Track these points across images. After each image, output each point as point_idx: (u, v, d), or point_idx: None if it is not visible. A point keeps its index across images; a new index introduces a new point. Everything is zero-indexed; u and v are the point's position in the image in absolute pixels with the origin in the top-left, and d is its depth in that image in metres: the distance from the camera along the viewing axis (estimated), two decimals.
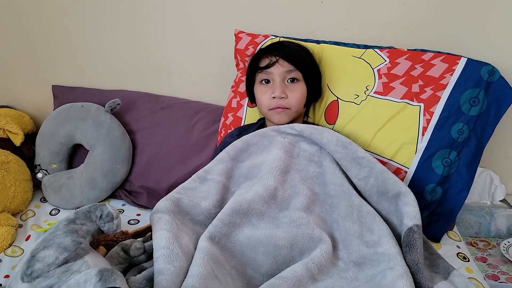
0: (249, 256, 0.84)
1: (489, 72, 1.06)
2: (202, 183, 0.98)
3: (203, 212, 0.92)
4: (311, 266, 0.79)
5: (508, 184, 1.34)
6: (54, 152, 1.35)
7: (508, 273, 1.13)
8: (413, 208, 0.87)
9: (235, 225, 0.87)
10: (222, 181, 0.97)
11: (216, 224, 0.86)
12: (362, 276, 0.81)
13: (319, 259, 0.81)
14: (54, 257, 0.72)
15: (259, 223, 0.88)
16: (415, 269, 0.79)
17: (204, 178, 0.99)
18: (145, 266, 0.84)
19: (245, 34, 1.29)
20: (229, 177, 0.99)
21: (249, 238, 0.85)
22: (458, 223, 1.29)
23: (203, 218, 0.91)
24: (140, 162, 1.32)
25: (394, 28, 1.28)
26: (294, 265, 0.80)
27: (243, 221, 0.87)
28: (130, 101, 1.40)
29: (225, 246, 0.85)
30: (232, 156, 1.01)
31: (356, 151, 0.96)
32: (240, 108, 1.27)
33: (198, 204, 0.92)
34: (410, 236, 0.82)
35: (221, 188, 0.96)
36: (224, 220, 0.86)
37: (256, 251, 0.84)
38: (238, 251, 0.84)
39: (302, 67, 1.10)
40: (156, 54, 1.46)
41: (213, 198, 0.94)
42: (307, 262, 0.80)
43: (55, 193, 1.31)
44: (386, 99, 1.11)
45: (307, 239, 0.85)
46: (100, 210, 0.82)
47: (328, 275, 0.81)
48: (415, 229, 0.83)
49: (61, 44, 1.50)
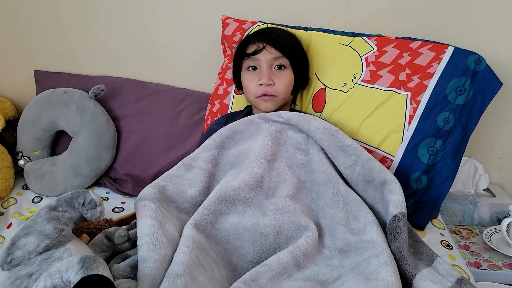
0: (235, 243, 0.84)
1: (476, 61, 1.06)
2: (188, 170, 0.97)
3: (189, 200, 0.91)
4: (297, 254, 0.79)
5: (491, 173, 1.36)
6: (37, 138, 1.32)
7: (490, 261, 1.15)
8: (399, 196, 0.87)
9: (221, 212, 0.86)
10: (208, 169, 0.96)
11: (201, 212, 0.85)
12: (347, 263, 0.81)
13: (305, 246, 0.81)
14: (35, 244, 0.70)
15: (245, 211, 0.87)
16: (399, 256, 0.79)
17: (189, 165, 0.98)
18: (129, 254, 0.83)
19: (232, 20, 1.27)
20: (215, 164, 0.98)
21: (235, 226, 0.84)
22: (443, 211, 1.30)
23: (189, 205, 0.90)
24: (125, 149, 1.30)
25: (382, 16, 1.28)
26: (280, 253, 0.79)
27: (229, 209, 0.87)
28: (115, 87, 1.37)
29: (211, 234, 0.84)
30: (218, 143, 1.00)
31: (343, 139, 0.96)
32: (227, 96, 1.26)
33: (184, 192, 0.91)
34: (395, 223, 0.83)
35: (207, 175, 0.95)
36: (209, 207, 0.85)
37: (242, 238, 0.83)
38: (224, 239, 0.84)
39: (290, 54, 1.09)
40: (142, 39, 1.43)
41: (199, 186, 0.93)
42: (293, 250, 0.80)
43: (37, 180, 1.28)
44: (373, 88, 1.11)
45: (293, 226, 0.85)
46: (83, 197, 0.80)
47: (313, 263, 0.81)
48: (400, 217, 0.83)
49: (44, 28, 1.46)
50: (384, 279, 0.72)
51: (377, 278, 0.72)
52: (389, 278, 0.72)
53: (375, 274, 0.74)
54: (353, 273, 0.78)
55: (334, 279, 0.79)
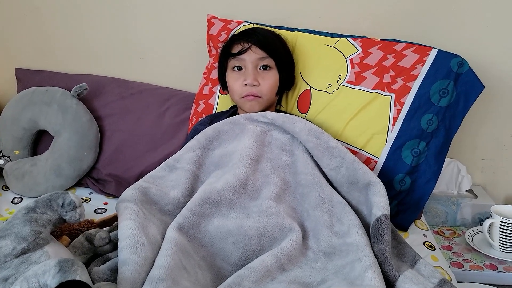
0: (219, 246, 0.83)
1: (459, 64, 1.07)
2: (171, 171, 0.96)
3: (172, 202, 0.89)
4: (281, 256, 0.79)
5: (474, 174, 1.38)
6: (17, 138, 1.29)
7: (472, 261, 1.17)
8: (382, 198, 0.87)
9: (204, 215, 0.85)
10: (192, 170, 0.95)
11: (184, 214, 0.84)
12: (331, 266, 0.81)
13: (289, 248, 0.80)
14: (11, 247, 0.69)
15: (229, 213, 0.86)
16: (382, 258, 0.79)
17: (173, 166, 0.96)
18: (109, 257, 0.81)
19: (217, 20, 1.26)
20: (199, 165, 0.97)
21: (219, 229, 0.84)
22: (426, 212, 1.31)
23: (172, 207, 0.89)
24: (108, 149, 1.28)
25: (367, 18, 1.29)
26: (263, 255, 0.79)
27: (213, 211, 0.86)
28: (98, 86, 1.35)
29: (194, 236, 0.83)
30: (202, 144, 0.99)
31: (328, 141, 0.96)
32: (212, 96, 1.25)
33: (167, 194, 0.90)
34: (378, 225, 0.83)
35: (190, 177, 0.94)
36: (193, 210, 0.84)
37: (226, 241, 0.83)
38: (207, 242, 0.83)
39: (275, 54, 1.08)
40: (126, 38, 1.41)
41: (182, 187, 0.92)
42: (277, 252, 0.79)
43: (17, 180, 1.26)
44: (358, 89, 1.11)
45: (277, 228, 0.84)
46: (62, 199, 0.79)
47: (297, 265, 0.81)
48: (383, 219, 0.83)
49: (26, 25, 1.43)
50: (368, 285, 0.71)
51: (362, 284, 0.72)
52: (374, 284, 0.71)
53: (360, 279, 0.74)
54: (338, 278, 0.78)
55: (318, 282, 0.78)
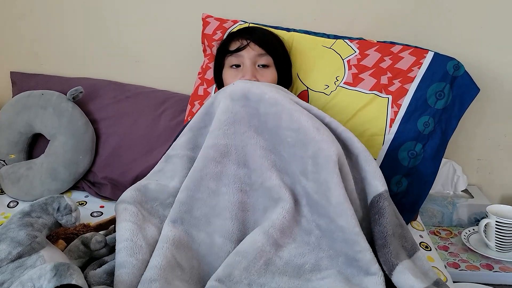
0: (216, 223, 0.81)
1: (455, 67, 1.08)
2: (168, 162, 0.93)
3: (172, 193, 0.87)
4: (273, 232, 0.76)
5: (469, 175, 1.38)
6: (13, 141, 1.29)
7: (468, 261, 1.17)
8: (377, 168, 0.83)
9: (194, 198, 0.82)
10: (187, 155, 0.91)
11: (175, 207, 0.82)
12: (324, 244, 0.78)
13: (281, 221, 0.77)
14: (6, 251, 0.69)
15: (219, 188, 0.83)
16: (381, 242, 0.75)
17: (168, 156, 0.93)
18: (106, 260, 0.81)
19: (213, 19, 1.26)
20: (194, 147, 0.91)
21: (213, 208, 0.81)
22: (422, 212, 1.32)
23: (173, 199, 0.85)
24: (104, 152, 1.28)
25: (363, 20, 1.29)
26: (254, 233, 0.76)
27: (201, 191, 0.82)
28: (94, 90, 1.35)
29: (190, 223, 0.81)
30: (192, 126, 0.93)
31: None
32: (207, 96, 1.25)
33: (166, 186, 0.88)
34: (380, 203, 0.78)
35: (186, 162, 0.90)
36: (180, 199, 0.82)
37: (223, 216, 0.81)
38: (204, 222, 0.81)
39: (273, 52, 1.08)
40: (121, 40, 1.41)
41: (180, 175, 0.88)
42: (268, 229, 0.76)
43: (13, 184, 1.25)
44: (355, 90, 1.11)
45: (267, 198, 0.81)
46: (58, 203, 0.78)
47: (291, 237, 0.78)
48: (385, 195, 0.79)
49: (21, 28, 1.43)
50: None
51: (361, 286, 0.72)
52: None
53: (358, 280, 0.73)
54: (333, 268, 0.75)
55: (312, 264, 0.76)
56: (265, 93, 0.87)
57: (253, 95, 0.87)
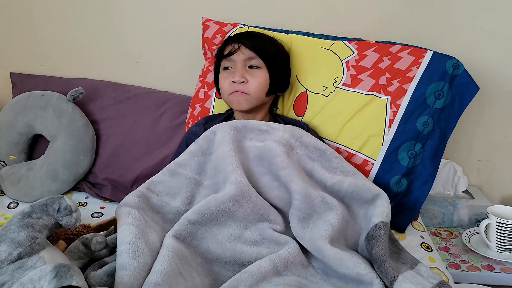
0: (216, 252, 0.83)
1: (454, 66, 1.08)
2: (172, 176, 0.95)
3: (173, 211, 0.90)
4: (278, 262, 0.79)
5: (470, 175, 1.38)
6: (13, 142, 1.29)
7: (469, 262, 1.17)
8: (383, 208, 0.87)
9: (202, 223, 0.85)
10: (194, 177, 0.94)
11: (181, 223, 0.83)
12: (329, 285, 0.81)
13: (286, 256, 0.81)
14: (7, 253, 0.68)
15: (227, 222, 0.86)
16: (380, 260, 0.79)
17: (174, 171, 0.95)
18: (106, 261, 0.81)
19: (212, 22, 1.26)
20: (201, 172, 0.95)
21: (216, 236, 0.84)
22: (423, 213, 1.32)
23: (173, 216, 0.89)
24: (104, 153, 1.28)
25: (362, 20, 1.29)
26: (261, 260, 0.79)
27: (210, 220, 0.85)
28: (94, 90, 1.35)
29: (191, 243, 0.83)
30: (204, 149, 0.97)
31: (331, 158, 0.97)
32: (208, 99, 1.25)
33: (168, 204, 0.90)
34: (376, 231, 0.83)
35: (191, 184, 0.93)
36: (189, 218, 0.84)
37: (223, 247, 0.83)
38: (204, 248, 0.83)
39: (264, 54, 1.08)
40: (122, 41, 1.41)
41: (183, 196, 0.92)
42: (274, 258, 0.80)
43: (13, 185, 1.25)
44: (354, 91, 1.11)
45: (273, 242, 0.85)
46: (58, 203, 0.78)
47: (295, 274, 0.81)
48: (380, 225, 0.83)
49: (21, 29, 1.43)
50: None
51: None
52: None
53: None
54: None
55: None
56: (277, 155, 0.92)
57: (267, 156, 0.93)
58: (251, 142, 0.96)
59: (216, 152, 0.95)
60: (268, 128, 0.98)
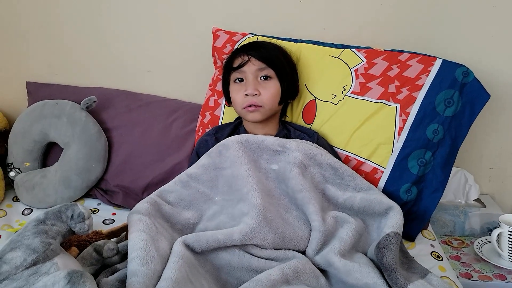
0: (225, 259, 0.84)
1: (464, 74, 1.07)
2: (184, 188, 0.96)
3: (182, 222, 0.91)
4: (287, 271, 0.80)
5: (482, 184, 1.37)
6: (28, 150, 1.31)
7: (481, 271, 1.16)
8: (395, 219, 0.89)
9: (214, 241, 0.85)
10: (205, 192, 0.96)
11: (191, 237, 0.84)
12: None
13: (295, 264, 0.82)
14: (22, 259, 0.70)
15: None
16: (391, 268, 0.79)
17: (186, 183, 0.97)
18: (118, 268, 0.82)
19: (223, 32, 1.28)
20: (212, 186, 0.97)
21: (225, 248, 0.85)
22: (433, 221, 1.31)
23: (181, 227, 0.91)
24: (116, 160, 1.30)
25: (372, 28, 1.30)
26: (271, 269, 0.80)
27: None
28: (107, 99, 1.37)
29: (199, 251, 0.84)
30: (217, 163, 0.98)
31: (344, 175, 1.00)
32: (218, 107, 1.26)
33: (178, 213, 0.92)
34: (387, 241, 0.84)
35: (202, 198, 0.95)
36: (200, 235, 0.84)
37: (232, 254, 0.84)
38: (213, 255, 0.84)
39: (274, 64, 1.10)
40: (134, 50, 1.44)
41: (195, 209, 0.94)
42: (283, 267, 0.81)
43: (27, 192, 1.28)
44: (363, 99, 1.12)
45: (282, 255, 0.86)
46: (71, 210, 0.80)
47: (305, 283, 0.81)
48: (392, 235, 0.84)
49: (36, 40, 1.46)
50: None
51: None
52: None
53: None
54: None
55: None
56: (292, 177, 0.95)
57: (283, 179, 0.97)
58: (267, 165, 0.99)
59: (231, 169, 0.96)
60: (281, 149, 0.99)
